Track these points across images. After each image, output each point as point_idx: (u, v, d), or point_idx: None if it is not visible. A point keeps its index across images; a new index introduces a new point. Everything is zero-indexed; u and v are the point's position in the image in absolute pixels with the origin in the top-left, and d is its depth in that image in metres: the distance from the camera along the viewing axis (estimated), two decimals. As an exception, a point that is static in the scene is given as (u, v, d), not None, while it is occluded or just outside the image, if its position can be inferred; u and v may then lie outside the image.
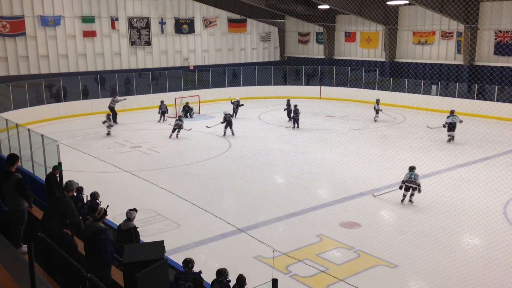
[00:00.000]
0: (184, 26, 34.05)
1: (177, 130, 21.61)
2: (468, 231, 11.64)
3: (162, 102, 26.18)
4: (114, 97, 25.61)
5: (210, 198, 13.91)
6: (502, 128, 22.38)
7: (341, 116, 26.71)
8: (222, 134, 21.94)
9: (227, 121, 21.95)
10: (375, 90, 31.05)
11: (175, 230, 11.80)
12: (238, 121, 24.04)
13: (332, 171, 16.34)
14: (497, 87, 25.66)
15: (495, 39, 26.77)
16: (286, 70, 35.57)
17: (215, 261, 10.06)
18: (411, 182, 13.15)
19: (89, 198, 9.90)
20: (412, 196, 13.31)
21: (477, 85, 26.55)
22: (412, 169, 13.35)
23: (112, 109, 25.16)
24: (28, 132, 12.72)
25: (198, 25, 34.75)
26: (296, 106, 23.79)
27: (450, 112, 20.62)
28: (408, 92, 29.24)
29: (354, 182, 15.25)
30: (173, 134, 21.68)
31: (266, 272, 9.25)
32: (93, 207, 8.77)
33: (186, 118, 25.98)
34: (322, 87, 33.48)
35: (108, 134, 22.26)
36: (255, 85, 33.78)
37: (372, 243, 10.85)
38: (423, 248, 10.65)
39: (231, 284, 7.08)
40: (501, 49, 26.45)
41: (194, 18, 34.46)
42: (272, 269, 9.21)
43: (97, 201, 9.67)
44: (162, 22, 33.02)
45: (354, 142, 20.30)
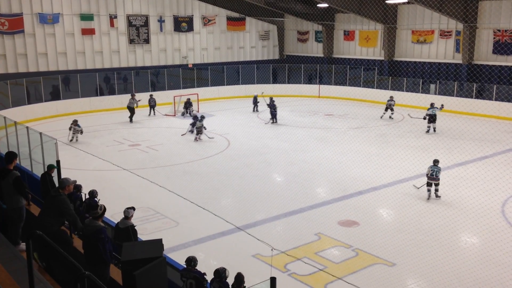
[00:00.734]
0: (183, 24, 33.99)
1: (197, 132, 21.01)
2: (466, 230, 11.66)
3: (151, 96, 26.79)
4: (133, 97, 25.19)
5: (209, 197, 13.92)
6: (500, 127, 22.39)
7: (339, 114, 26.72)
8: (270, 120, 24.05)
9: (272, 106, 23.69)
10: (374, 89, 31.09)
11: (174, 228, 11.82)
12: (237, 120, 23.91)
13: (330, 170, 16.35)
14: (495, 86, 25.68)
15: (494, 38, 26.77)
16: (285, 69, 35.56)
17: (214, 259, 10.07)
18: (432, 179, 13.30)
19: (87, 196, 9.90)
20: (436, 191, 13.53)
21: (475, 84, 26.58)
22: (435, 162, 13.48)
23: (131, 109, 24.98)
24: (26, 130, 12.70)
25: (197, 23, 34.69)
26: (272, 100, 24.18)
27: (430, 104, 21.98)
28: (406, 91, 29.25)
29: (352, 180, 15.27)
30: (197, 136, 21.01)
31: (265, 270, 9.27)
32: (91, 205, 8.77)
33: (186, 114, 26.06)
34: (321, 86, 33.49)
35: (71, 140, 20.51)
36: (254, 83, 33.76)
37: (370, 242, 10.87)
38: (421, 246, 10.67)
39: (230, 282, 7.08)
40: (499, 48, 26.46)
41: (193, 16, 34.40)
42: (270, 267, 9.22)
43: (95, 199, 9.67)
44: (161, 20, 32.95)
45: (352, 141, 20.31)
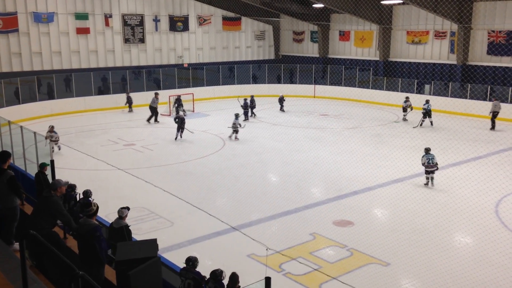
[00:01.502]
0: (178, 24, 33.94)
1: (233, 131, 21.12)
2: (460, 230, 11.72)
3: (128, 91, 28.35)
4: (157, 96, 24.71)
5: (204, 197, 13.90)
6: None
7: (335, 114, 26.77)
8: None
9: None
10: (369, 89, 31.17)
11: (169, 228, 11.80)
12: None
13: (325, 170, 16.37)
14: (489, 87, 25.81)
15: (488, 39, 26.91)
16: (280, 69, 35.58)
17: (209, 259, 10.06)
18: (430, 167, 13.46)
19: (81, 196, 9.87)
20: (432, 179, 13.90)
21: (470, 84, 26.70)
22: (427, 150, 13.63)
23: (154, 109, 24.50)
24: (20, 129, 12.64)
25: (192, 22, 34.64)
26: (245, 99, 25.04)
27: (426, 101, 23.30)
28: (401, 91, 29.31)
29: (347, 180, 15.29)
30: (232, 135, 21.17)
31: (260, 270, 9.26)
32: (85, 205, 8.73)
33: (173, 113, 25.94)
34: (316, 86, 33.53)
35: (53, 149, 16.76)
36: (249, 83, 33.75)
37: (365, 242, 10.90)
38: (416, 246, 10.71)
39: (225, 282, 7.08)
40: (494, 49, 26.60)
41: (188, 15, 34.35)
42: (265, 267, 9.21)
43: (89, 199, 9.63)
44: (156, 20, 32.88)
45: (347, 141, 20.35)
